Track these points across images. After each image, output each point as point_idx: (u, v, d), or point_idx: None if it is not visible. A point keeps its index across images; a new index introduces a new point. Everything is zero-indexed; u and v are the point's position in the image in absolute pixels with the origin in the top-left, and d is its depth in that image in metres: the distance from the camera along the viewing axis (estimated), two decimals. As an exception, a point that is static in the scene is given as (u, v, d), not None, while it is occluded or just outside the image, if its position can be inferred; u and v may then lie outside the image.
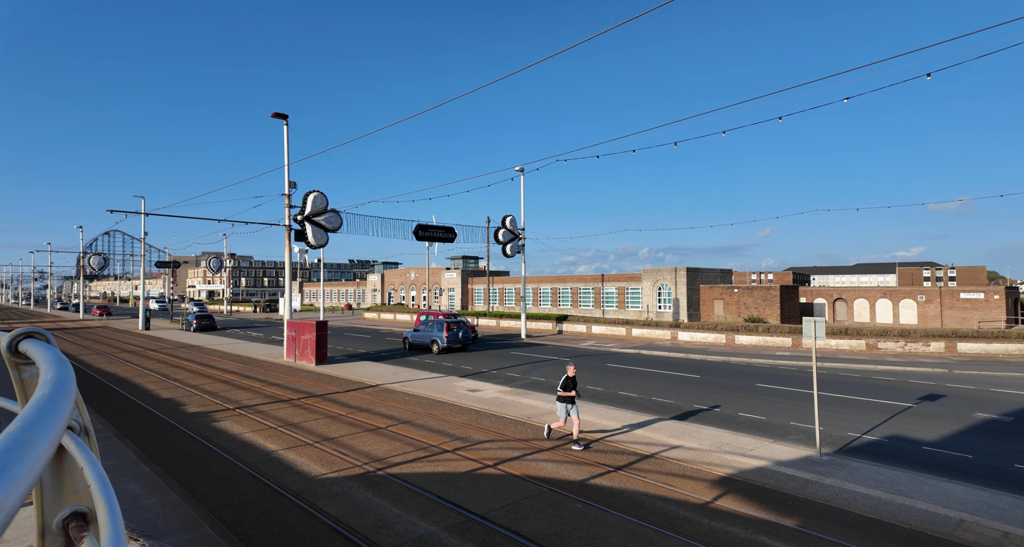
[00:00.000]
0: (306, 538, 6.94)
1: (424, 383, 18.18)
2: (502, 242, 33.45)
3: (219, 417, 13.56)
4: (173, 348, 30.10)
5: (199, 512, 7.65)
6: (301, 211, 24.97)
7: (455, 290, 65.14)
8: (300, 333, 23.96)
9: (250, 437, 11.66)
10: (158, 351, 28.70)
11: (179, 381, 19.04)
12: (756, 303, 41.95)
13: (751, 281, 77.47)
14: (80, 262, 60.18)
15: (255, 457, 10.26)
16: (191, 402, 15.47)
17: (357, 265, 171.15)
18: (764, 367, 22.81)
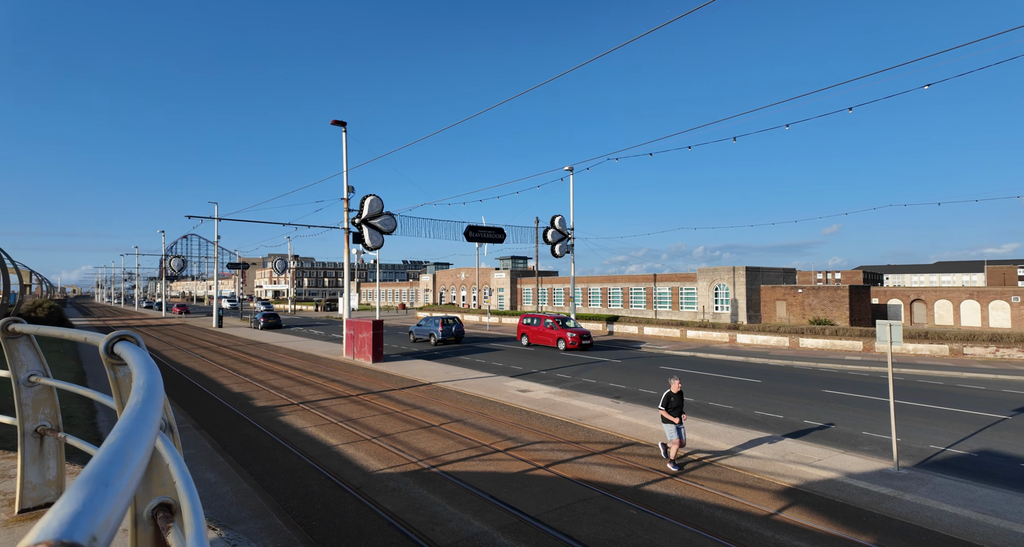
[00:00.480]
0: (366, 532, 7.20)
1: (475, 382, 18.41)
2: (551, 242, 33.32)
3: (285, 411, 14.32)
4: (243, 345, 32.11)
5: (268, 502, 8.11)
6: (359, 214, 25.96)
7: (504, 290, 65.56)
8: (358, 332, 24.90)
9: (313, 431, 12.24)
10: (230, 348, 30.71)
11: (248, 376, 20.28)
12: (822, 304, 39.51)
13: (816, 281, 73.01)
14: (162, 264, 65.44)
15: (317, 451, 10.75)
16: (259, 397, 16.43)
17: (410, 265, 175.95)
18: (832, 372, 21.44)
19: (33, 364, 2.98)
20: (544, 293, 61.66)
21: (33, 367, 2.97)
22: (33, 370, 2.98)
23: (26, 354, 2.95)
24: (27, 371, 2.96)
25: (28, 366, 2.97)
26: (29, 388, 2.98)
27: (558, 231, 33.29)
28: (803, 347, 29.02)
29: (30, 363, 2.98)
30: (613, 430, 12.33)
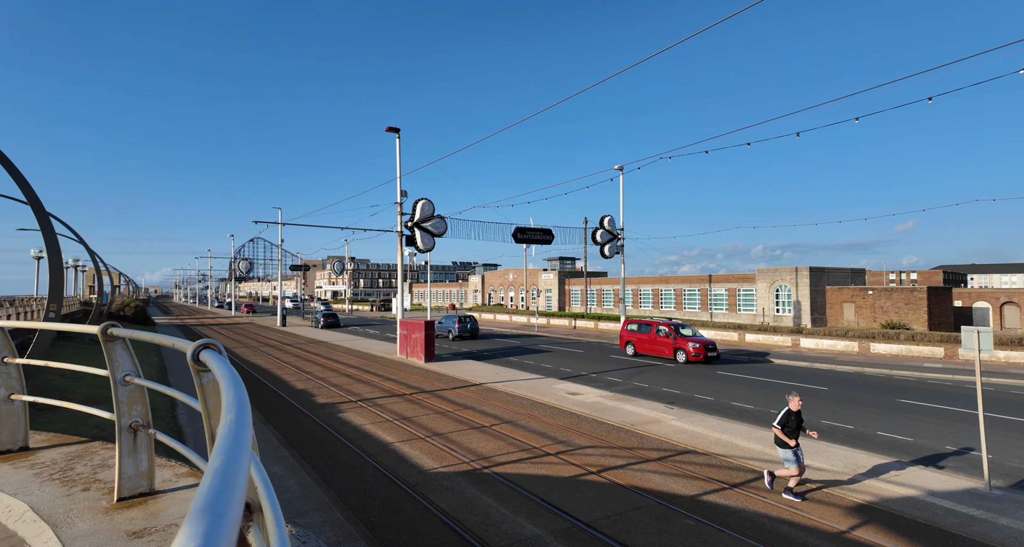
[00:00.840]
0: (421, 530, 7.37)
1: (524, 384, 18.44)
2: (600, 243, 32.87)
3: (344, 408, 14.92)
4: (305, 343, 33.75)
5: (329, 496, 8.47)
6: (411, 218, 26.67)
7: (552, 291, 65.30)
8: (411, 332, 25.57)
9: (370, 429, 12.67)
10: (293, 346, 32.36)
11: (310, 374, 21.29)
12: (896, 307, 36.71)
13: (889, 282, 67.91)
14: (231, 266, 69.93)
15: (375, 448, 11.12)
16: (320, 393, 17.20)
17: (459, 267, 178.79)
18: (908, 380, 19.87)
19: (128, 365, 3.24)
20: (593, 294, 60.91)
21: (127, 368, 3.23)
22: (127, 371, 3.24)
23: (122, 356, 3.21)
24: (123, 371, 3.22)
25: (123, 367, 3.22)
26: (124, 387, 3.24)
27: (607, 231, 32.79)
28: (874, 353, 27.07)
29: (125, 364, 3.23)
30: (668, 437, 11.98)
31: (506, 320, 54.50)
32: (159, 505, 3.03)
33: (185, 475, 3.54)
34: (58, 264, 10.19)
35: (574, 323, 46.29)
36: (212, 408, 1.99)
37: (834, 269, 42.05)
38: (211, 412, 1.98)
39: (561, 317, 48.75)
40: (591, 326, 44.56)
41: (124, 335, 3.07)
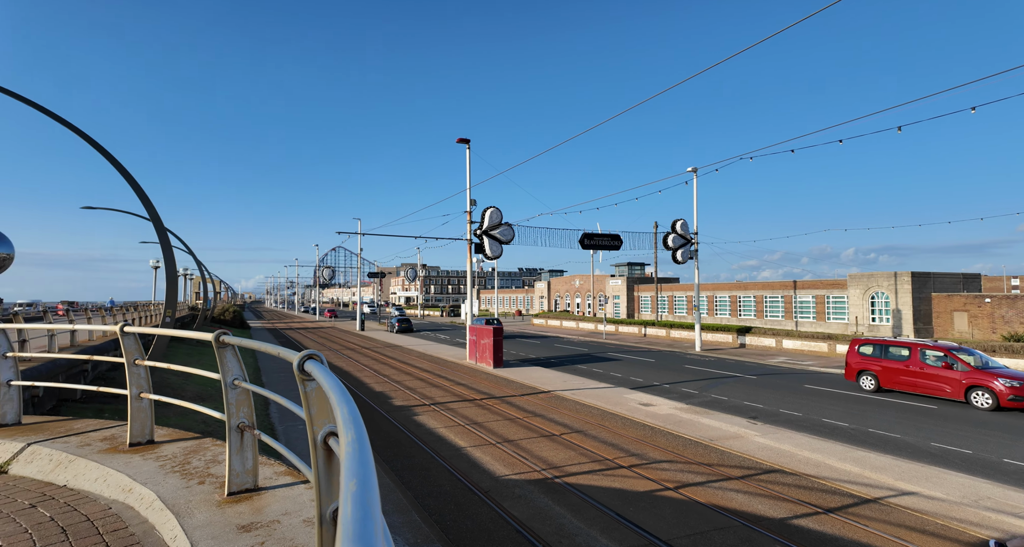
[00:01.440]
0: (495, 536, 7.42)
1: (594, 392, 18.11)
2: (672, 247, 31.71)
3: (418, 411, 15.43)
4: (381, 347, 35.36)
5: (407, 498, 8.77)
6: (480, 226, 27.23)
7: (620, 298, 63.82)
8: (480, 338, 26.02)
9: (443, 432, 13.00)
10: (370, 349, 34.02)
11: (387, 377, 22.25)
12: (1021, 317, 32.21)
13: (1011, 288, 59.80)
14: (315, 273, 74.94)
15: (448, 452, 11.38)
16: (396, 396, 17.92)
17: (525, 273, 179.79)
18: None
19: (236, 370, 3.52)
20: (664, 301, 58.83)
21: (236, 372, 3.51)
22: (236, 375, 3.52)
23: (231, 362, 3.50)
24: (232, 376, 3.51)
25: (232, 372, 3.51)
26: (233, 390, 3.52)
27: (680, 236, 31.57)
28: (997, 368, 23.85)
29: (234, 369, 3.51)
30: (751, 454, 11.25)
31: (573, 327, 53.97)
32: (263, 501, 3.26)
33: (283, 474, 3.79)
34: (173, 275, 11.46)
35: (644, 331, 44.93)
36: (315, 415, 2.11)
37: (941, 274, 37.70)
38: (314, 419, 2.10)
39: (630, 324, 47.51)
40: (662, 334, 43.03)
41: (234, 343, 3.35)
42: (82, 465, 3.89)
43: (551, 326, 56.56)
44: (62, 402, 10.68)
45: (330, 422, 2.16)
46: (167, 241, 11.48)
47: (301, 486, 3.52)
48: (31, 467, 4.10)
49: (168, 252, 11.53)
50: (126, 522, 3.19)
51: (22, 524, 3.11)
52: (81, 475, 3.82)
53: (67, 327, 4.66)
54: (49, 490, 3.73)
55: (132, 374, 4.38)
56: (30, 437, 4.53)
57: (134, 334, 4.40)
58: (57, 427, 4.90)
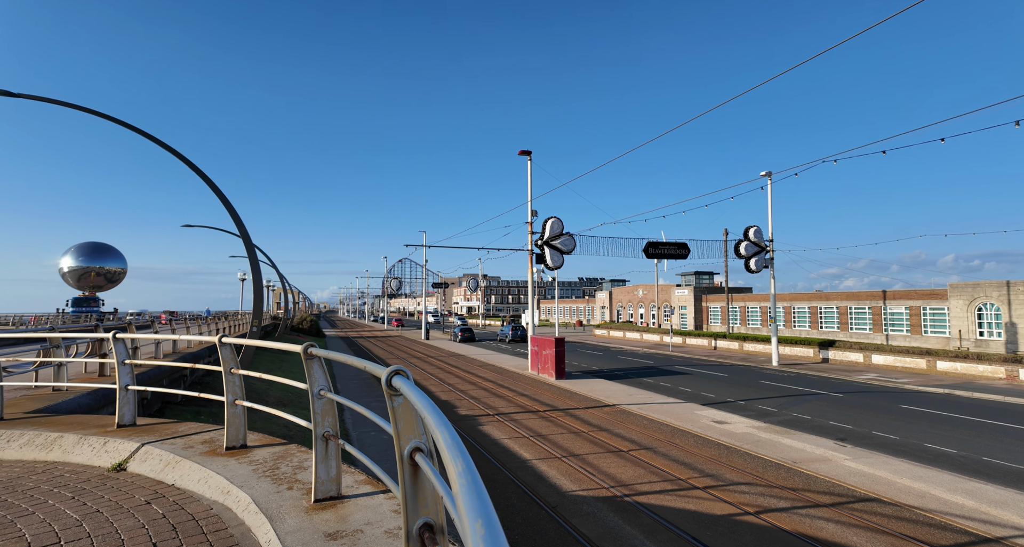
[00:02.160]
0: (563, 554, 7.26)
1: (662, 407, 17.42)
2: (745, 256, 30.11)
3: (483, 421, 15.54)
4: (445, 356, 36.12)
5: (474, 508, 8.80)
6: (540, 236, 27.27)
7: (687, 308, 61.32)
8: (541, 348, 25.90)
9: (508, 444, 12.99)
10: (435, 358, 34.85)
11: (451, 386, 22.65)
12: None
13: None
14: (383, 284, 78.14)
15: (514, 464, 11.34)
16: (461, 405, 18.17)
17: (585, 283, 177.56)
18: None
19: (322, 381, 3.68)
20: (735, 312, 55.87)
21: (322, 383, 3.68)
22: (322, 386, 3.68)
23: (317, 372, 3.67)
24: (318, 386, 3.67)
25: (319, 382, 3.67)
26: (319, 400, 3.68)
27: (753, 243, 29.93)
28: None
29: (320, 380, 3.68)
30: (841, 479, 10.32)
31: (636, 338, 52.49)
32: (347, 509, 3.37)
33: (363, 482, 3.91)
34: (260, 288, 12.39)
35: (714, 343, 42.84)
36: (402, 430, 2.15)
37: (1068, 282, 33.04)
38: (401, 434, 2.14)
39: (698, 336, 45.48)
40: (734, 347, 40.80)
41: (321, 356, 3.52)
42: (187, 466, 4.23)
43: (613, 337, 55.36)
44: (166, 404, 11.76)
45: (416, 437, 2.19)
46: (255, 256, 12.45)
47: (381, 496, 3.61)
48: (145, 466, 4.52)
49: (255, 267, 12.50)
50: (225, 523, 3.41)
51: (140, 520, 3.42)
52: (186, 476, 4.15)
53: (172, 337, 5.14)
54: (160, 488, 4.08)
55: (228, 382, 4.71)
56: (143, 438, 5.00)
57: (231, 345, 4.74)
58: (164, 429, 5.38)
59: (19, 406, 6.66)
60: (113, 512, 3.58)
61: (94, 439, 5.06)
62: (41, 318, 48.02)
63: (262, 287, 13.27)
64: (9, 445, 5.26)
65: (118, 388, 5.43)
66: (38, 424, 5.65)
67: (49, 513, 3.60)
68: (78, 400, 7.45)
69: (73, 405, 7.26)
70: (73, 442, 5.10)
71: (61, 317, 51.87)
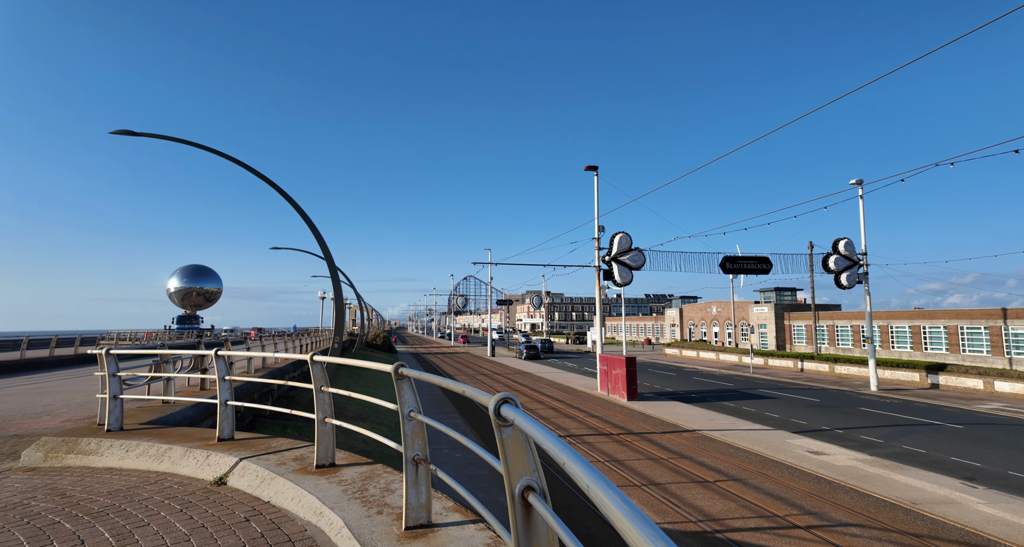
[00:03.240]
0: (652, 594, 6.72)
1: (748, 435, 16.14)
2: (834, 270, 27.75)
3: (553, 443, 15.14)
4: (512, 373, 36.01)
5: (552, 536, 8.45)
6: (608, 252, 26.69)
7: (767, 327, 57.38)
8: (611, 368, 25.08)
9: (582, 468, 12.51)
10: (502, 375, 34.82)
11: (520, 405, 22.41)
12: None
13: None
14: (450, 302, 79.95)
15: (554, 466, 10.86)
16: (530, 425, 17.87)
17: (653, 299, 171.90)
18: None
19: (411, 402, 3.60)
20: (823, 331, 51.55)
21: (411, 405, 3.60)
22: (411, 407, 3.60)
23: (407, 393, 3.59)
24: (408, 407, 3.59)
25: (409, 403, 3.60)
26: (409, 422, 3.60)
27: (843, 257, 27.54)
28: None
29: (410, 401, 3.60)
30: (978, 527, 8.92)
31: (711, 358, 49.72)
32: (437, 539, 3.24)
33: (452, 510, 3.76)
34: (341, 307, 12.95)
35: (800, 365, 39.62)
36: (512, 465, 1.97)
37: None
38: (511, 470, 1.96)
39: (782, 357, 42.28)
40: (824, 369, 37.48)
41: (412, 376, 3.45)
42: (281, 484, 4.30)
43: (686, 357, 52.80)
44: (256, 417, 12.46)
45: (527, 474, 2.00)
46: (337, 278, 13.09)
47: (472, 527, 3.44)
48: (243, 481, 4.67)
49: (337, 287, 13.14)
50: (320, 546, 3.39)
51: (240, 538, 3.48)
52: (280, 493, 4.22)
53: (266, 354, 5.35)
54: (257, 505, 4.17)
55: (319, 400, 4.79)
56: (241, 452, 5.20)
57: (321, 363, 4.83)
58: (259, 444, 5.58)
59: (135, 417, 7.24)
60: (217, 528, 3.67)
61: (198, 452, 5.33)
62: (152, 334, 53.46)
63: (343, 306, 13.85)
64: (128, 455, 5.67)
65: (218, 403, 5.72)
66: (151, 435, 6.07)
67: (162, 526, 3.75)
68: (184, 413, 8.00)
69: (179, 417, 7.80)
70: (180, 454, 5.40)
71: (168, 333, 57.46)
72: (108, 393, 6.30)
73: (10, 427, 8.41)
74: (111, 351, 6.45)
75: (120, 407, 6.39)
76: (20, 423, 8.70)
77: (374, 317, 77.99)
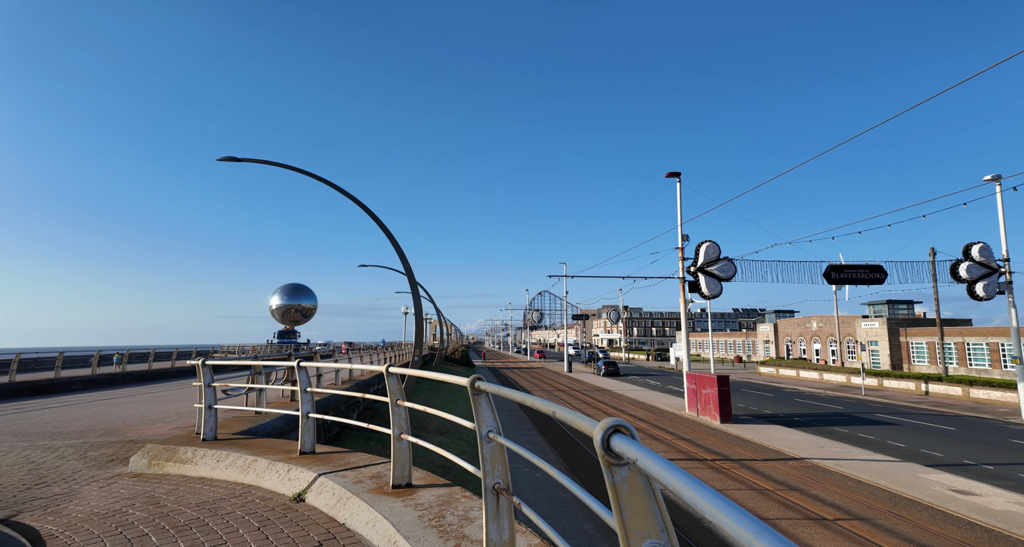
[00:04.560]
0: None
1: (869, 466, 14.03)
2: (967, 279, 24.02)
3: (640, 467, 14.08)
4: (591, 390, 34.81)
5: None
6: (694, 262, 25.09)
7: (878, 344, 51.20)
8: (701, 387, 23.31)
9: (674, 497, 11.42)
10: (580, 392, 33.75)
11: (600, 423, 21.37)
12: None
13: None
14: (525, 316, 79.85)
15: (687, 522, 9.81)
16: (613, 446, 16.87)
17: (742, 314, 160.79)
18: None
19: (490, 421, 3.17)
20: (950, 349, 44.96)
21: (490, 424, 3.17)
22: (490, 426, 3.17)
23: (485, 411, 3.17)
24: (487, 427, 3.17)
25: (487, 422, 3.17)
26: (488, 444, 3.17)
27: (978, 264, 23.79)
28: None
29: (488, 420, 3.17)
30: None
31: (814, 378, 45.06)
32: (524, 585, 2.75)
33: (538, 548, 3.26)
34: (421, 321, 13.06)
35: (924, 387, 34.67)
36: (630, 521, 1.44)
37: None
38: (628, 526, 1.43)
39: (900, 378, 37.28)
40: (956, 393, 32.46)
41: (490, 391, 3.03)
42: (356, 505, 4.06)
43: (784, 376, 48.34)
44: (344, 429, 12.75)
45: (652, 536, 1.45)
46: (417, 292, 13.26)
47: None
48: (320, 499, 4.51)
49: (417, 301, 13.30)
50: (393, 582, 3.04)
51: (311, 564, 3.23)
52: (355, 516, 3.97)
53: (346, 366, 5.25)
54: (332, 527, 3.95)
55: (395, 414, 4.52)
56: (320, 467, 5.08)
57: (397, 375, 4.57)
58: (338, 459, 5.45)
59: (229, 427, 7.52)
60: (290, 550, 3.46)
61: (280, 465, 5.29)
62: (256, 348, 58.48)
63: (423, 320, 13.97)
64: (218, 465, 5.79)
65: (300, 415, 5.69)
66: (240, 446, 6.19)
67: (238, 544, 3.62)
68: (273, 423, 8.22)
69: (269, 428, 8.02)
70: (264, 467, 5.39)
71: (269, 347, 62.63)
72: (203, 403, 6.54)
73: (129, 432, 9.14)
74: (207, 362, 6.72)
75: (215, 417, 6.60)
76: (137, 429, 9.44)
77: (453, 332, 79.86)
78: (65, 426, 9.88)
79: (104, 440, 8.24)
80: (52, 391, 18.53)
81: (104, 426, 9.78)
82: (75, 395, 17.33)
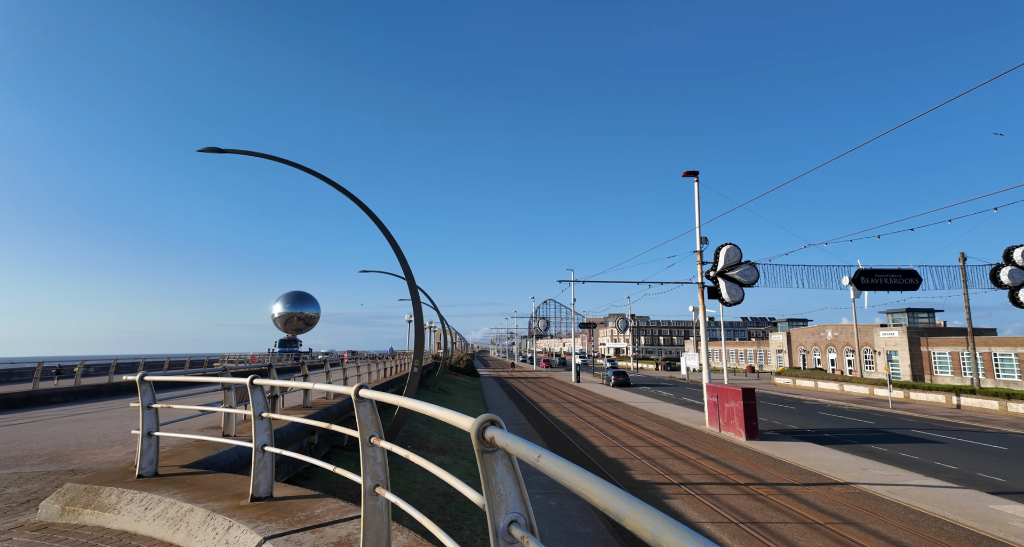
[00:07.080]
0: None
1: (928, 494, 12.41)
2: (1008, 285, 22.37)
3: (667, 492, 12.55)
4: (601, 402, 33.19)
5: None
6: (713, 266, 23.63)
7: (898, 353, 49.20)
8: (723, 400, 21.73)
9: (714, 532, 9.90)
10: (590, 404, 32.14)
11: (616, 439, 19.82)
12: None
13: None
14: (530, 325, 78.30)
15: None
16: (634, 467, 15.32)
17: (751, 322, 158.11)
18: None
19: (516, 503, 1.80)
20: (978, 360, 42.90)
21: (516, 508, 1.79)
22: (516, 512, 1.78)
23: (505, 482, 1.84)
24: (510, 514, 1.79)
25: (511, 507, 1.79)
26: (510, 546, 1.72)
27: (1021, 269, 22.15)
28: None
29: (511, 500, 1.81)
30: None
31: (833, 389, 43.15)
32: None
33: None
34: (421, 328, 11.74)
35: (956, 400, 32.78)
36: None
37: None
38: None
39: (929, 390, 35.39)
40: (992, 407, 30.57)
41: (513, 453, 1.64)
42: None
43: (801, 387, 46.45)
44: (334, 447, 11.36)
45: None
46: (417, 297, 11.97)
47: None
48: (256, 584, 3.15)
49: (417, 306, 11.99)
50: None
51: None
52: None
53: (303, 385, 3.95)
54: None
55: (366, 457, 3.10)
56: (271, 525, 3.72)
57: (371, 401, 3.17)
58: (299, 509, 4.08)
59: (184, 456, 6.18)
60: None
61: (220, 520, 3.93)
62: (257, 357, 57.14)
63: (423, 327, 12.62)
64: (146, 514, 4.43)
65: (253, 450, 4.33)
66: (181, 486, 4.85)
67: None
68: (239, 450, 6.85)
69: (233, 456, 6.65)
70: (199, 521, 4.04)
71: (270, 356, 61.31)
72: (141, 429, 5.19)
73: (76, 457, 7.80)
74: (146, 377, 5.37)
75: (155, 447, 5.25)
76: (89, 453, 8.10)
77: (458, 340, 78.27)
78: (10, 449, 8.57)
79: (39, 470, 6.90)
80: (28, 404, 17.31)
81: (53, 449, 8.45)
82: (52, 409, 16.09)
